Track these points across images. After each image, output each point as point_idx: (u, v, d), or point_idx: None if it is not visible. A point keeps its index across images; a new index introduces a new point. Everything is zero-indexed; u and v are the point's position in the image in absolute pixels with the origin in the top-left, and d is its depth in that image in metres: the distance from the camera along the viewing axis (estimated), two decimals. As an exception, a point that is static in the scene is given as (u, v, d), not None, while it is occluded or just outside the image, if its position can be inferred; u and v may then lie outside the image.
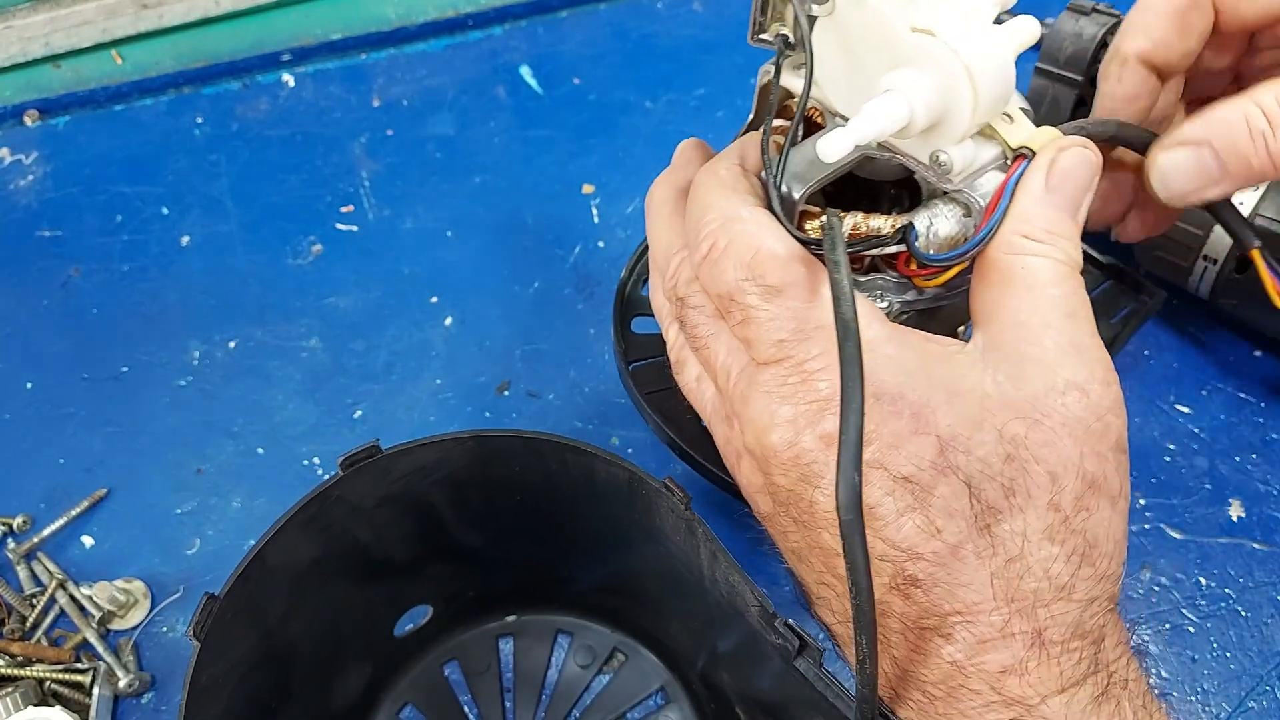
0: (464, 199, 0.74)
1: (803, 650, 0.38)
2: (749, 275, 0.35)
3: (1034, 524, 0.32)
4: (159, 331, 0.68)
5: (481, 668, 0.56)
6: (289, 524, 0.43)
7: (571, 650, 0.56)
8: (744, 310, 0.35)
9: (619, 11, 0.84)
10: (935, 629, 0.32)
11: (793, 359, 0.34)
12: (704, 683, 0.53)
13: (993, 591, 0.32)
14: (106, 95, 0.80)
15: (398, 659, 0.55)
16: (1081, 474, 0.32)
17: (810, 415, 0.33)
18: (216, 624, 0.41)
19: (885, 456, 0.32)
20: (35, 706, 0.52)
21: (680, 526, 0.44)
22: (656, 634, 0.55)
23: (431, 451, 0.45)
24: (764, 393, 0.34)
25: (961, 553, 0.32)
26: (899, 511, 0.32)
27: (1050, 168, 0.35)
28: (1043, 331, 0.34)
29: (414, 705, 0.55)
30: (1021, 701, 0.31)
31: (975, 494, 0.32)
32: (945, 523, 0.32)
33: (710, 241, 0.36)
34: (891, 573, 0.32)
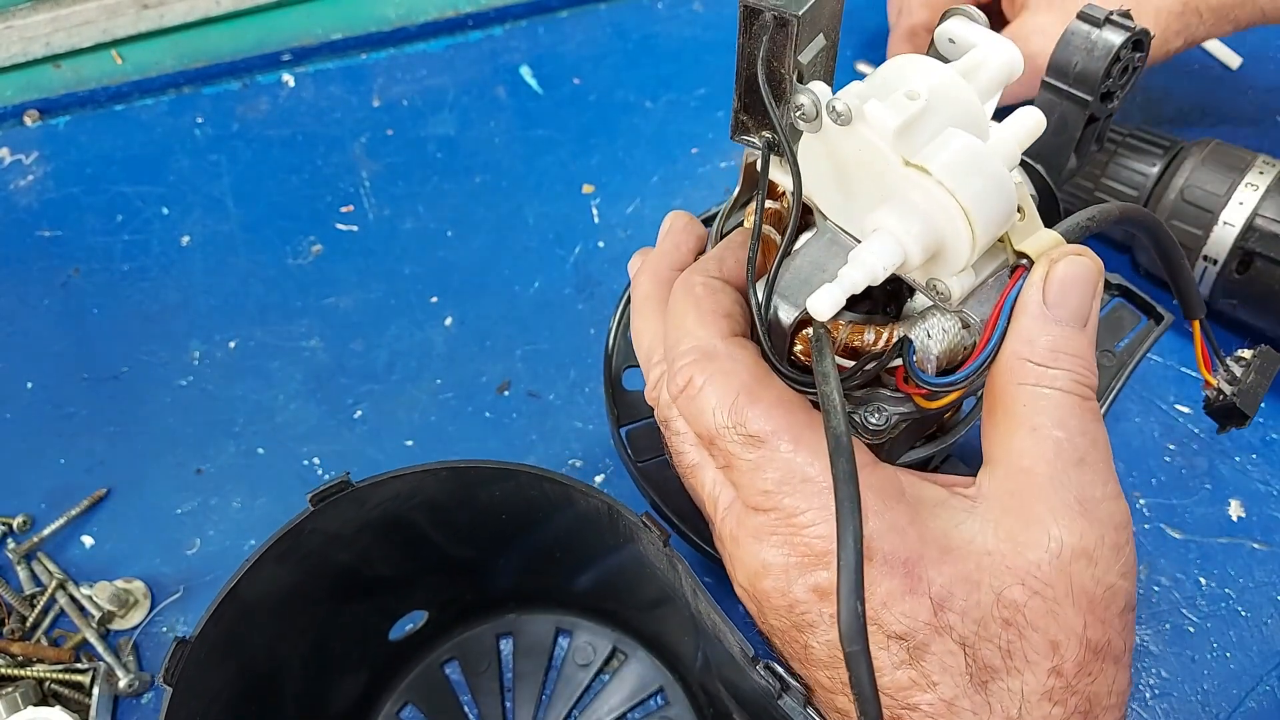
0: (464, 199, 0.74)
1: (785, 691, 0.37)
2: (729, 422, 0.33)
3: (1033, 686, 0.31)
4: (159, 331, 0.68)
5: (481, 667, 0.56)
6: (263, 559, 0.43)
7: (571, 649, 0.56)
8: (726, 456, 0.34)
9: (619, 11, 0.85)
10: None
11: (780, 510, 0.33)
12: (702, 684, 0.53)
13: None
14: (107, 95, 0.80)
15: (396, 661, 0.55)
16: (1085, 642, 0.31)
17: (802, 567, 0.33)
18: (190, 666, 0.40)
19: (879, 614, 0.31)
20: (35, 706, 0.52)
21: (661, 559, 0.43)
22: (654, 636, 0.55)
23: (404, 483, 0.45)
24: (753, 538, 0.34)
25: (956, 708, 0.31)
26: (894, 665, 0.32)
27: (1047, 282, 0.33)
28: (1048, 485, 0.32)
29: (414, 705, 0.55)
30: None
31: (970, 654, 0.31)
32: (940, 678, 0.31)
33: (686, 377, 0.34)
34: (889, 718, 0.32)
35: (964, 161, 0.31)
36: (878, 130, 0.32)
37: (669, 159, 0.75)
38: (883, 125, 0.31)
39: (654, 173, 0.75)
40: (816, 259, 0.35)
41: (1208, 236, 0.58)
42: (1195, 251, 0.59)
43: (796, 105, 0.33)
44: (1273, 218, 0.56)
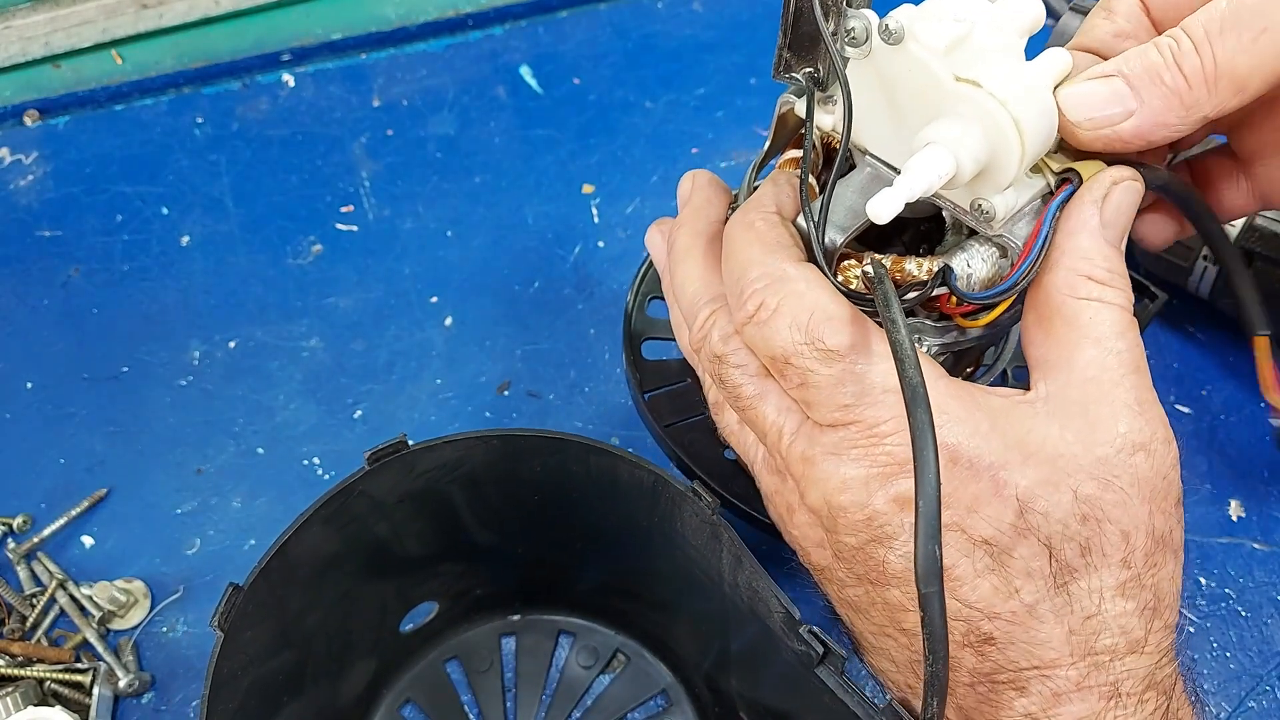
0: (464, 199, 0.74)
1: (826, 657, 0.38)
2: (806, 339, 0.34)
3: (1109, 581, 0.32)
4: (159, 331, 0.68)
5: (484, 666, 0.56)
6: (313, 518, 0.44)
7: (574, 651, 0.56)
8: (802, 374, 0.34)
9: (619, 11, 0.84)
10: (1009, 682, 0.32)
11: (861, 423, 0.33)
12: (709, 686, 0.53)
13: (1070, 648, 0.32)
14: (106, 95, 0.80)
15: (401, 655, 0.56)
16: (1151, 532, 0.33)
17: (883, 478, 0.33)
18: (239, 615, 0.41)
19: (964, 520, 0.32)
20: (35, 706, 0.52)
21: (703, 530, 0.43)
22: (662, 637, 0.55)
23: (456, 448, 0.45)
24: (829, 454, 0.34)
25: (1039, 611, 0.32)
26: (976, 573, 0.32)
27: (1105, 204, 0.34)
28: (1112, 389, 0.33)
29: (415, 703, 0.55)
30: None
31: (1054, 555, 0.32)
32: (1023, 583, 0.32)
33: (758, 301, 0.35)
34: (965, 630, 0.33)
35: (1012, 75, 0.33)
36: (928, 46, 0.33)
37: (669, 159, 0.75)
38: (932, 42, 0.33)
39: (654, 173, 0.75)
40: (861, 190, 0.37)
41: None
42: (1195, 251, 0.59)
43: (848, 29, 0.34)
44: (1272, 217, 0.56)
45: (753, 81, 0.78)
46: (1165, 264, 0.61)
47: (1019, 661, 0.32)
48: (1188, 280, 0.61)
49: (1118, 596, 0.32)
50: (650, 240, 0.44)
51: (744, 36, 0.81)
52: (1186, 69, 0.34)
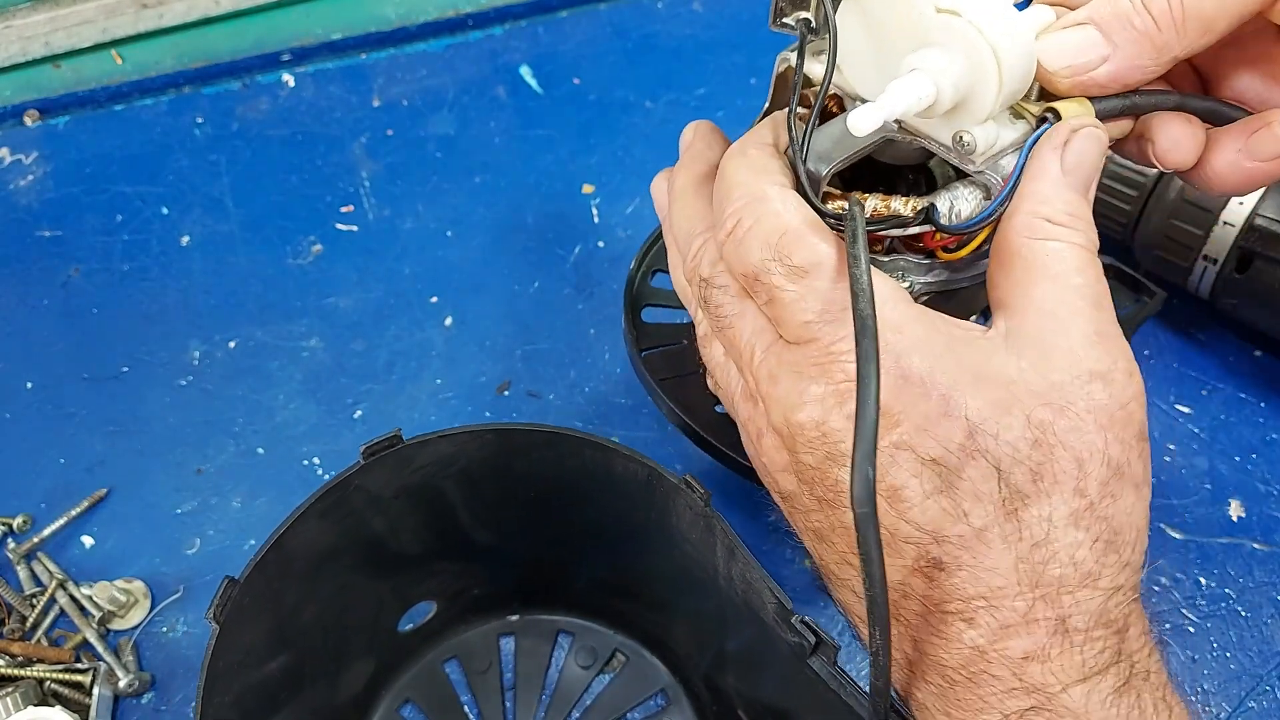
0: (464, 199, 0.74)
1: (818, 648, 0.38)
2: (774, 255, 0.34)
3: (1060, 509, 0.32)
4: (159, 331, 0.68)
5: (482, 666, 0.56)
6: (309, 511, 0.44)
7: (572, 651, 0.56)
8: (769, 290, 0.35)
9: (619, 11, 0.84)
10: (957, 613, 0.32)
11: (820, 340, 0.34)
12: (707, 685, 0.53)
13: (1017, 577, 0.32)
14: (106, 95, 0.80)
15: (400, 655, 0.56)
16: (1107, 460, 0.32)
17: (839, 395, 0.33)
18: (235, 608, 0.41)
19: (914, 439, 0.32)
20: (35, 706, 0.52)
21: (697, 524, 0.44)
22: (660, 636, 0.55)
23: (451, 443, 0.46)
24: (793, 371, 0.34)
25: (987, 536, 0.32)
26: (925, 494, 0.32)
27: (1065, 149, 0.35)
28: (1069, 320, 0.34)
29: (415, 703, 0.55)
30: (1042, 689, 0.32)
31: (1003, 478, 0.32)
32: (972, 506, 0.32)
33: (735, 219, 0.36)
34: (915, 555, 0.33)
35: (991, 6, 0.34)
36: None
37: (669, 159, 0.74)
38: None
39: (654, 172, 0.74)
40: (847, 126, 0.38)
41: (1208, 236, 0.58)
42: (1195, 251, 0.59)
43: None
44: (1272, 217, 0.56)
45: (753, 81, 0.78)
46: (1165, 264, 0.61)
47: (966, 589, 0.32)
48: (1187, 280, 0.61)
49: (1070, 526, 0.32)
50: (655, 188, 0.44)
51: (744, 36, 0.81)
52: (1155, 11, 0.34)
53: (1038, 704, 0.32)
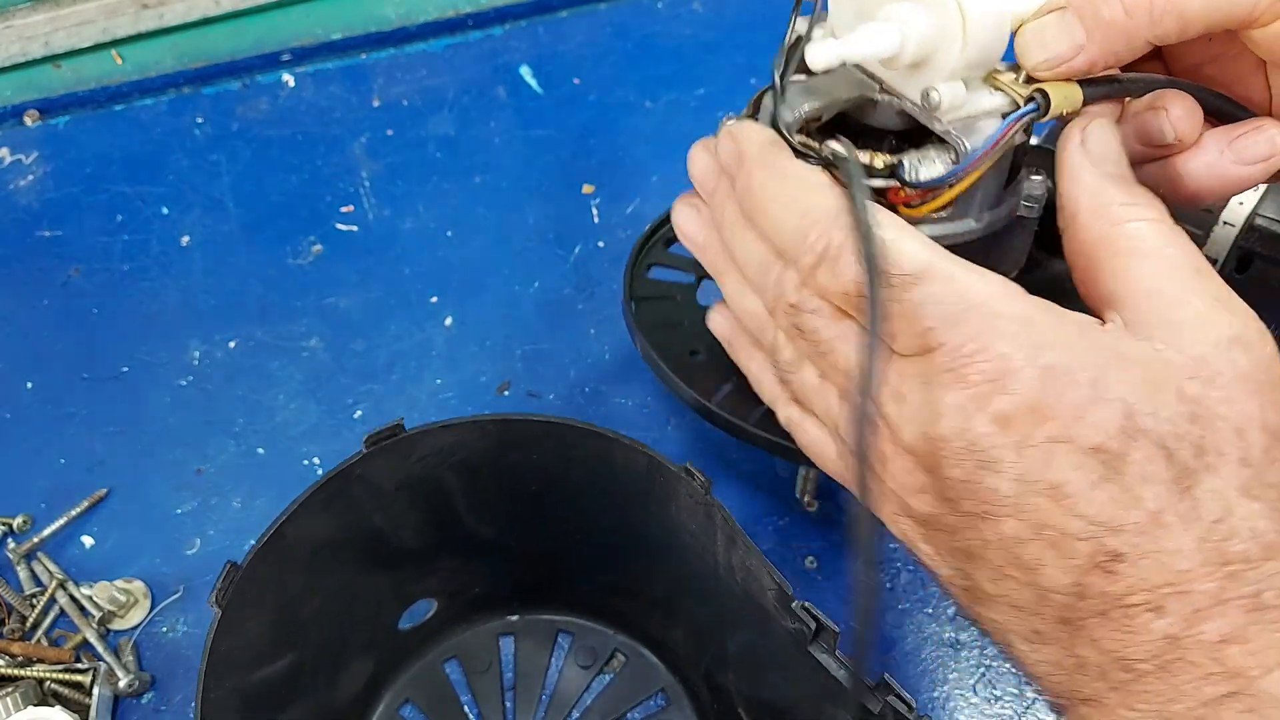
0: (464, 199, 0.74)
1: (819, 633, 0.38)
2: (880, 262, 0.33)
3: (1231, 482, 0.31)
4: (159, 331, 0.68)
5: (482, 666, 0.56)
6: (311, 500, 0.44)
7: (572, 651, 0.56)
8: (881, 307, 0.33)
9: (619, 11, 0.84)
10: (1144, 604, 0.31)
11: (946, 344, 0.32)
12: (707, 684, 0.53)
13: (1203, 557, 0.30)
14: (106, 95, 0.80)
15: (400, 655, 0.56)
16: (1264, 426, 0.31)
17: (979, 398, 0.32)
18: (236, 595, 0.41)
19: (1069, 430, 0.31)
20: (35, 706, 0.52)
21: (698, 513, 0.44)
22: (660, 635, 0.55)
23: (452, 433, 0.46)
24: (920, 384, 0.33)
25: (1164, 519, 0.30)
26: (1091, 485, 0.31)
27: (1085, 145, 0.35)
28: (1182, 293, 0.32)
29: (414, 703, 0.55)
30: (1242, 673, 0.30)
31: (1170, 456, 0.31)
32: (1143, 490, 0.30)
33: (824, 240, 0.34)
34: (1090, 550, 0.31)
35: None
36: None
37: (669, 159, 0.75)
38: None
39: (654, 173, 0.75)
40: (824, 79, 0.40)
41: (1208, 236, 0.58)
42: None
43: None
44: (1272, 217, 0.56)
45: (753, 81, 0.78)
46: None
47: (1152, 577, 0.30)
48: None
49: (1243, 498, 0.31)
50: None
51: (744, 36, 0.81)
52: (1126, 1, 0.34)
53: (1236, 689, 0.30)
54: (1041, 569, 0.31)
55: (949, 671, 0.55)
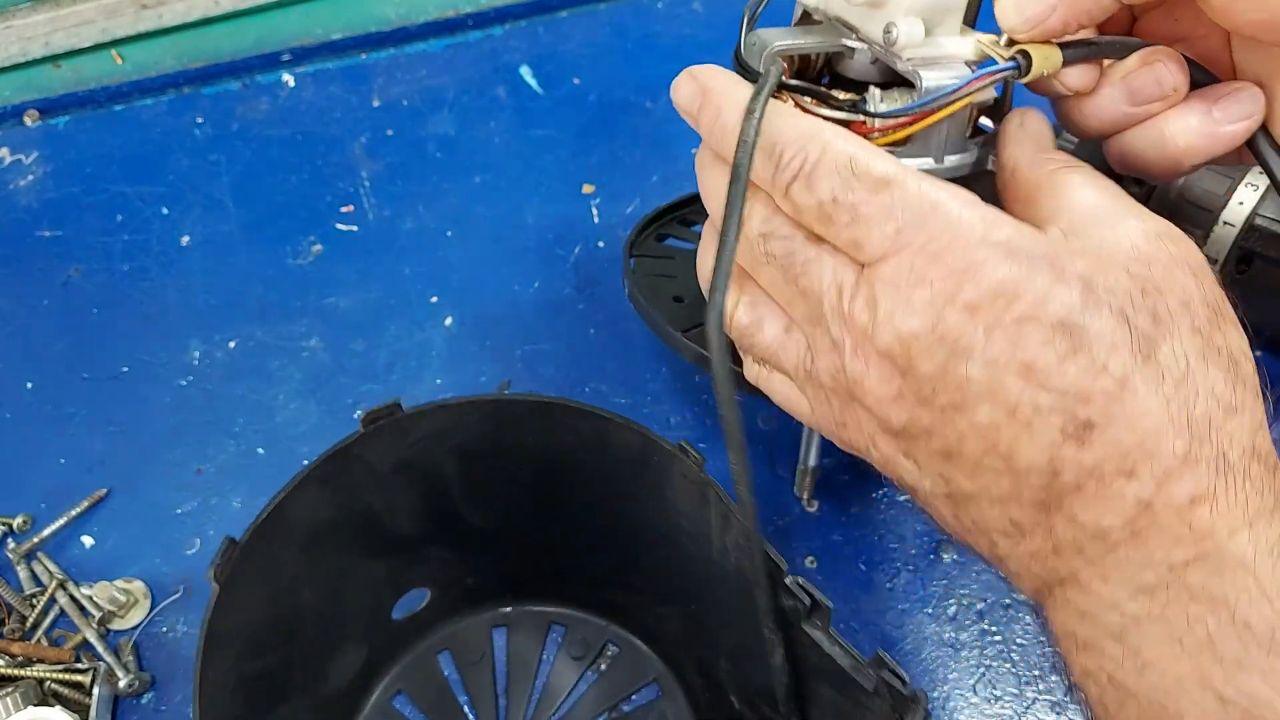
0: (464, 199, 0.74)
1: (813, 610, 0.39)
2: (851, 174, 0.35)
3: (1187, 347, 0.32)
4: (159, 331, 0.68)
5: (475, 658, 0.56)
6: (309, 478, 0.44)
7: (565, 643, 0.57)
8: (852, 209, 0.35)
9: (619, 11, 0.85)
10: (1116, 470, 0.32)
11: (914, 244, 0.34)
12: (700, 673, 0.53)
13: (1169, 417, 0.32)
14: (106, 95, 0.80)
15: (393, 645, 0.56)
16: (1205, 301, 0.33)
17: (948, 290, 0.33)
18: (235, 571, 0.41)
19: (1036, 308, 0.32)
20: (35, 706, 0.52)
21: (692, 494, 0.44)
22: (653, 626, 0.55)
23: (449, 414, 0.46)
24: (890, 286, 0.34)
25: (1131, 383, 0.32)
26: (1060, 358, 0.32)
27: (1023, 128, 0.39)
28: (1113, 209, 0.35)
29: (407, 693, 0.55)
30: (1210, 535, 0.31)
31: (1130, 325, 0.32)
32: (1109, 357, 0.32)
33: (800, 158, 0.36)
34: (1062, 422, 0.32)
35: None
36: None
37: (669, 159, 0.75)
38: None
39: (654, 173, 0.75)
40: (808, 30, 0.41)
41: (1208, 236, 0.58)
42: (1195, 251, 0.59)
43: None
44: (1272, 217, 0.56)
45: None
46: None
47: (1123, 441, 0.32)
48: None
49: (1200, 362, 0.32)
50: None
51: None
52: None
53: (1204, 552, 0.31)
54: (1017, 451, 0.33)
55: (949, 671, 0.55)
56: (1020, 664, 0.55)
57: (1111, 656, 0.33)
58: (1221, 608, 0.30)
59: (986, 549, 0.37)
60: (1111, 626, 0.33)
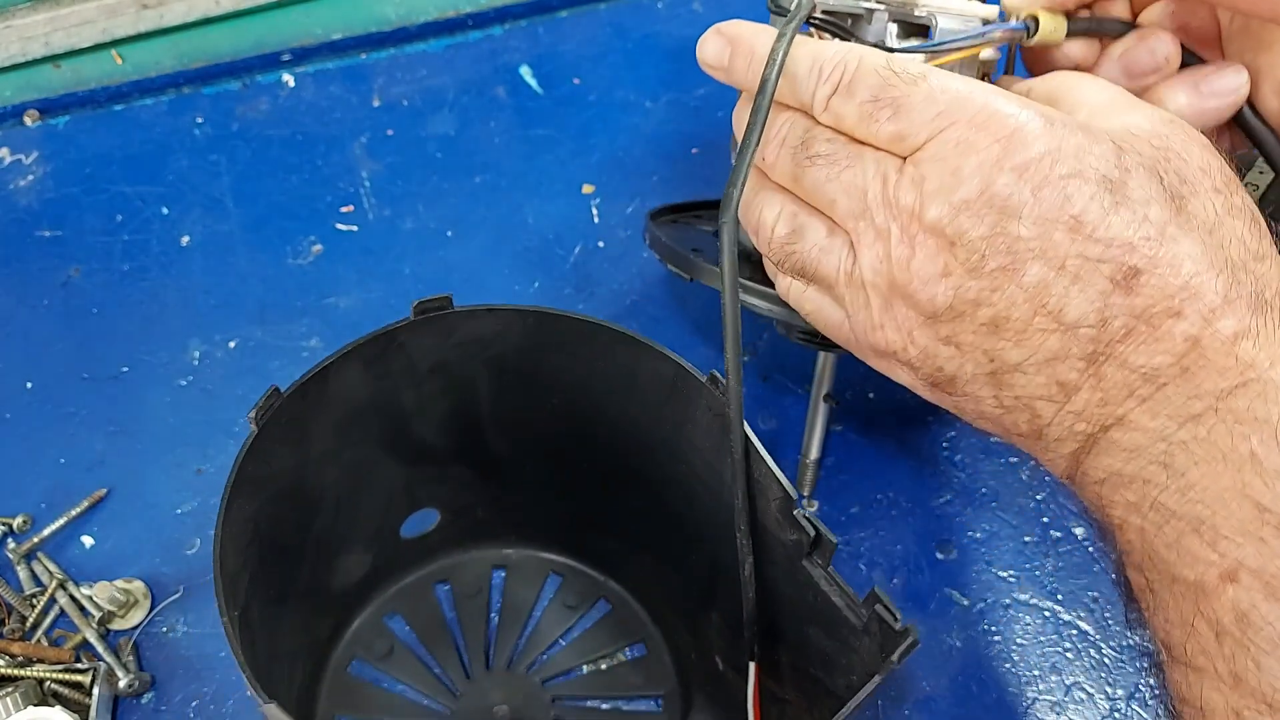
0: (464, 199, 0.74)
1: (817, 542, 0.39)
2: (892, 72, 0.37)
3: (1213, 202, 0.35)
4: (159, 331, 0.68)
5: (472, 591, 0.58)
6: (354, 353, 0.45)
7: (561, 592, 0.58)
8: (895, 103, 0.37)
9: (619, 11, 0.84)
10: (1165, 311, 0.34)
11: (959, 120, 0.36)
12: (690, 631, 0.54)
13: (1209, 259, 0.34)
14: (106, 95, 0.80)
15: (396, 564, 0.57)
16: (1220, 170, 0.36)
17: (995, 155, 0.35)
18: (272, 423, 0.43)
19: (1079, 164, 0.35)
20: (35, 706, 0.52)
21: (713, 430, 0.44)
22: (650, 584, 0.56)
23: (495, 319, 0.47)
24: (937, 162, 0.36)
25: (1169, 231, 0.34)
26: (1104, 210, 0.34)
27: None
28: (1124, 98, 0.38)
29: (401, 615, 0.57)
30: (1254, 365, 0.33)
31: (1161, 181, 0.35)
32: (1147, 208, 0.34)
33: (839, 70, 0.38)
34: (1111, 271, 0.34)
35: None
36: None
37: (669, 159, 0.75)
38: None
39: (654, 173, 0.75)
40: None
41: None
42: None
43: None
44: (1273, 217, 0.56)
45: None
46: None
47: (1169, 283, 0.34)
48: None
49: (1225, 215, 0.35)
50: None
51: (744, 36, 0.81)
52: None
53: (1247, 380, 0.33)
54: (1067, 305, 0.35)
55: (949, 671, 0.55)
56: (1020, 664, 0.55)
57: (1157, 484, 0.34)
58: (1265, 427, 0.32)
59: (1026, 424, 0.38)
60: (1158, 455, 0.34)
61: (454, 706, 0.54)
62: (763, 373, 0.66)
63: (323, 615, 0.55)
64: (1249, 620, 0.32)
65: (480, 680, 0.55)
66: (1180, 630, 0.34)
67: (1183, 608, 0.34)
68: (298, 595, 0.51)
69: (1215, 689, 0.33)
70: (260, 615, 0.46)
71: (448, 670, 0.56)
